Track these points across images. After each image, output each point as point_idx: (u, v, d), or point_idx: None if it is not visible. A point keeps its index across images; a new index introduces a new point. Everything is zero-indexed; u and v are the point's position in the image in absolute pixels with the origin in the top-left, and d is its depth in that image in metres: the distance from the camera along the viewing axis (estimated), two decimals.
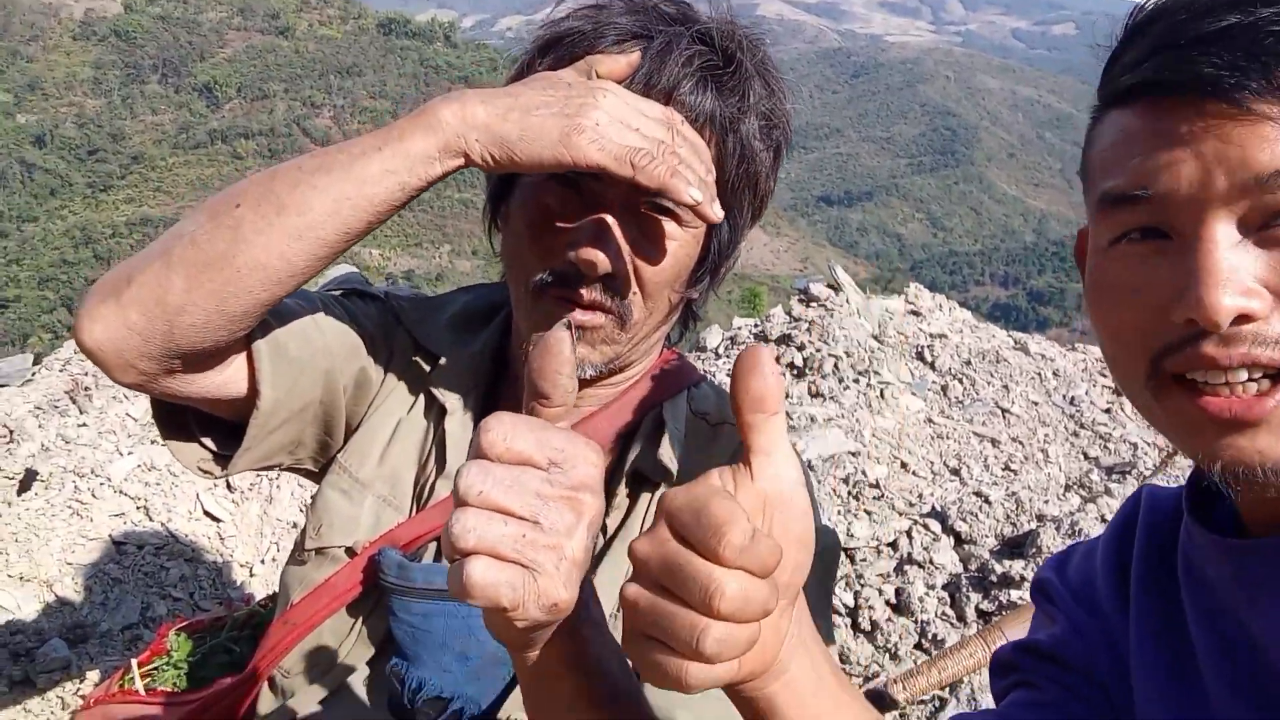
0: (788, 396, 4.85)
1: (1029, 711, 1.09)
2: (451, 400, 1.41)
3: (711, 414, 1.43)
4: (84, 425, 4.18)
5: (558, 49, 1.23)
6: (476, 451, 0.75)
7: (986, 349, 5.38)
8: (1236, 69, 0.79)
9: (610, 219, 1.22)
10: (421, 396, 1.43)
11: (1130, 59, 0.88)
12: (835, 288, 5.58)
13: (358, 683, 1.36)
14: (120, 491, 3.81)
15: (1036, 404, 4.94)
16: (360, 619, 1.36)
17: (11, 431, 4.12)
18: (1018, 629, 2.56)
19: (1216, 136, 0.80)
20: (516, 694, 1.29)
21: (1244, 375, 0.82)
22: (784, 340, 5.28)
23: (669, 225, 1.25)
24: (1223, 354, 0.82)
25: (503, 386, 1.45)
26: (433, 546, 1.36)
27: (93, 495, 3.78)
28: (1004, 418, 4.82)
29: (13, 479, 3.88)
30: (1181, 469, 4.17)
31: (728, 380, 5.94)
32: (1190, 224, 0.83)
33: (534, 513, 0.73)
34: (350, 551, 1.37)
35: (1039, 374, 5.19)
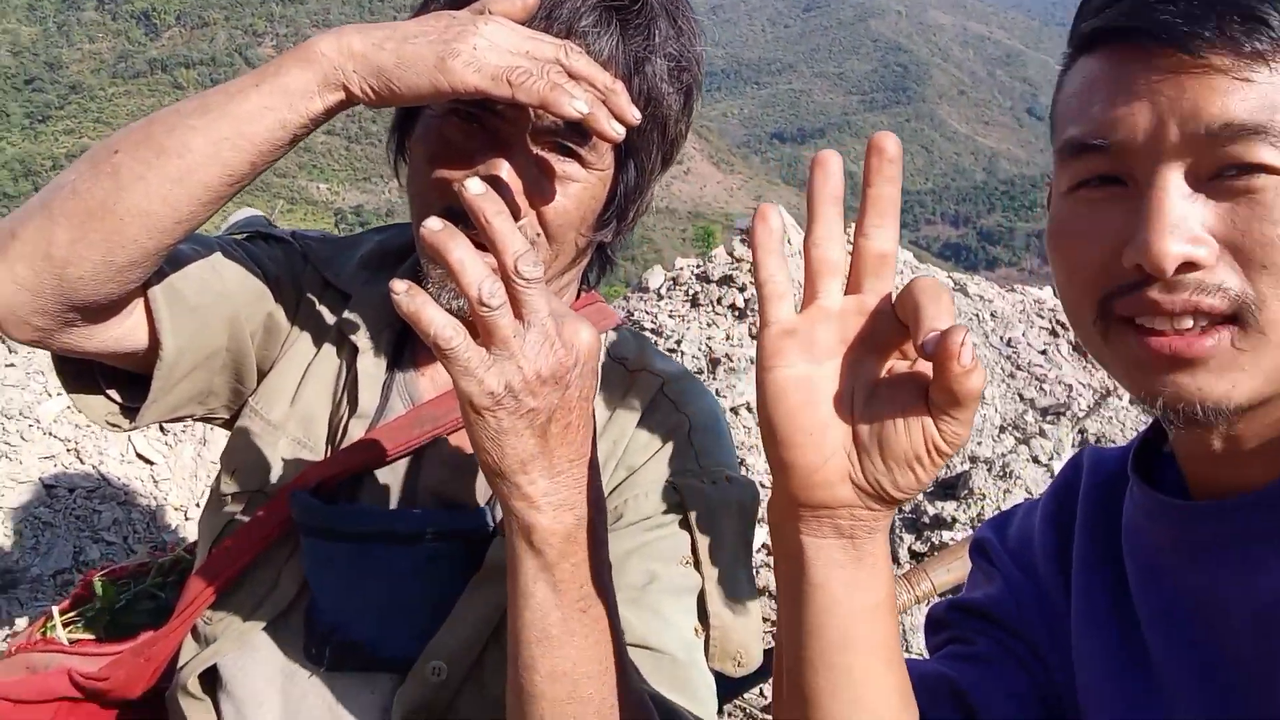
0: (728, 339, 4.87)
1: (961, 664, 1.10)
2: (363, 340, 1.39)
3: (630, 359, 1.41)
4: (11, 365, 4.07)
5: None
6: None
7: None
8: (1191, 18, 0.80)
9: (505, 162, 1.18)
10: (333, 336, 1.41)
11: (1097, 4, 0.89)
12: None
13: (277, 629, 1.34)
14: (50, 433, 3.73)
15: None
16: (278, 564, 1.35)
17: None
18: (942, 572, 2.62)
19: (1171, 86, 0.82)
20: (435, 642, 1.29)
21: (1189, 322, 0.85)
22: (725, 281, 5.27)
23: (572, 166, 1.22)
24: (1167, 300, 0.84)
25: None
26: (348, 488, 1.35)
27: (21, 438, 3.70)
28: None
29: None
30: (1115, 410, 4.25)
31: (670, 322, 5.82)
32: (1144, 173, 0.85)
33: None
34: (265, 496, 1.35)
35: (977, 315, 5.24)
